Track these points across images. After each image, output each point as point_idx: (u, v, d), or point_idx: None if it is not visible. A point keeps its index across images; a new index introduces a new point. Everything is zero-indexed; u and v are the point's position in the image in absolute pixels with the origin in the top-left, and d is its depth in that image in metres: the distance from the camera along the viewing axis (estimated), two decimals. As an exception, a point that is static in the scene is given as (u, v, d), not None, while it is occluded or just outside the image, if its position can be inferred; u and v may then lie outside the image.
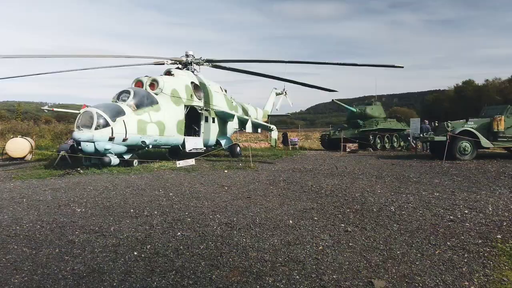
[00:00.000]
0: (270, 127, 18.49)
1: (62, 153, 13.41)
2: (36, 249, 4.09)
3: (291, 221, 5.27)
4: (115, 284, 3.24)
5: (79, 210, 5.93)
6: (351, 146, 21.95)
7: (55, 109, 24.27)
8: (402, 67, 13.50)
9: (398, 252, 4.03)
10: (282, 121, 49.64)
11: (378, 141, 23.83)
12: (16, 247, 4.16)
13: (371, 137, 23.09)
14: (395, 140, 24.98)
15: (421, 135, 17.60)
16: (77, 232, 4.72)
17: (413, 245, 4.25)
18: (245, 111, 20.73)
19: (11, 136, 19.59)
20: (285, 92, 26.34)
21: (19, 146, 16.18)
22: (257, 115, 22.55)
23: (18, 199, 6.78)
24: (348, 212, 5.84)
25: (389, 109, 64.82)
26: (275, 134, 18.32)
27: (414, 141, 20.12)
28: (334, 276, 3.40)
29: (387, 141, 24.41)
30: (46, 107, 20.72)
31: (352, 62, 15.08)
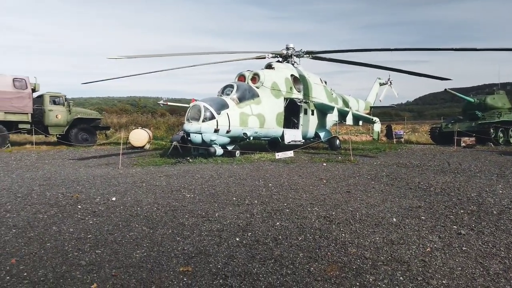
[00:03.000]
0: (372, 119, 17.71)
1: (174, 143, 14.76)
2: (153, 229, 4.59)
3: (394, 219, 4.98)
4: (219, 266, 3.46)
5: (188, 195, 6.47)
6: (467, 140, 19.73)
7: (169, 103, 26.82)
8: (535, 49, 11.58)
9: (525, 262, 3.51)
10: (386, 113, 47.08)
11: (501, 135, 20.98)
12: (137, 225, 4.73)
13: (492, 131, 20.40)
14: (523, 134, 21.70)
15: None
16: (186, 216, 5.16)
17: (545, 256, 3.66)
18: (346, 103, 20.13)
19: (133, 128, 22.23)
20: (390, 82, 24.86)
21: (139, 137, 18.31)
22: (359, 107, 21.74)
23: (138, 183, 7.68)
24: (461, 213, 5.28)
25: (516, 98, 56.32)
26: (377, 126, 17.49)
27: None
28: (443, 281, 3.12)
29: (513, 135, 21.34)
30: (161, 102, 23.00)
31: (471, 47, 13.39)
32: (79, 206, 5.61)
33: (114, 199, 6.12)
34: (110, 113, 38.28)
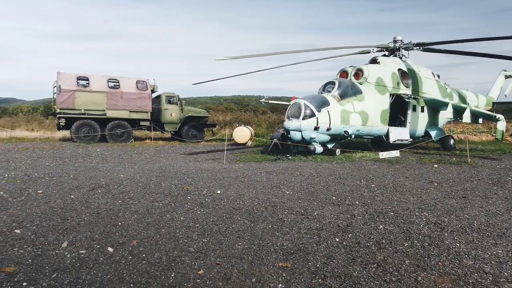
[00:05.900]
0: (495, 116, 15.64)
1: (274, 140, 15.07)
2: (254, 222, 4.75)
3: (523, 231, 4.31)
4: (318, 265, 3.42)
5: (287, 192, 6.54)
6: None
7: (270, 101, 27.56)
8: None
9: None
10: (513, 110, 41.09)
11: None
12: (239, 218, 4.94)
13: None
14: None
15: None
16: (285, 212, 5.21)
17: None
18: (462, 98, 18.13)
19: (237, 125, 23.33)
20: (519, 74, 21.65)
21: (242, 134, 19.15)
22: (478, 103, 19.41)
23: (241, 178, 8.02)
24: None
25: None
26: (502, 124, 15.36)
27: None
28: None
29: None
30: (263, 100, 23.77)
31: None
32: (189, 197, 6.09)
33: (219, 192, 6.50)
34: (216, 111, 40.76)
